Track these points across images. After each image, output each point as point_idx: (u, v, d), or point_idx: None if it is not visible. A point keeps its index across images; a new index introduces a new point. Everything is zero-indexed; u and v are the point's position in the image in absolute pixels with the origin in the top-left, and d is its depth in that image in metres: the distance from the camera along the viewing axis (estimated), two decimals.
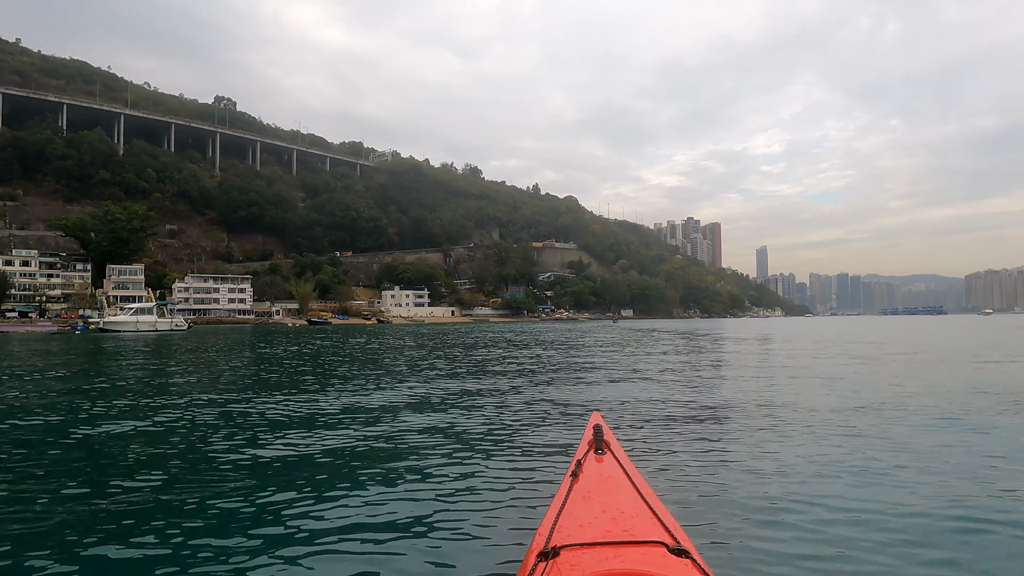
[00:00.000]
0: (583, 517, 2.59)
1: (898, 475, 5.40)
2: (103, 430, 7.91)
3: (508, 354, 23.06)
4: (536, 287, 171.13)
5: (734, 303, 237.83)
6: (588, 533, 2.41)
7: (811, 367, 17.16)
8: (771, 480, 5.23)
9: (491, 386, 12.66)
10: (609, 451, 3.43)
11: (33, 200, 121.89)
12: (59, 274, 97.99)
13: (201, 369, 17.56)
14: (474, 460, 6.06)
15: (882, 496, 4.73)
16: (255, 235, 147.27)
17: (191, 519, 4.40)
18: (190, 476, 5.54)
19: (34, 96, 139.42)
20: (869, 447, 6.53)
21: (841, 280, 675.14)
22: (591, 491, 2.91)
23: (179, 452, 6.63)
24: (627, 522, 2.51)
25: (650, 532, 2.38)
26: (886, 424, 7.92)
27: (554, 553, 2.22)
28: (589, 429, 3.70)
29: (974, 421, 8.18)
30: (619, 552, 2.21)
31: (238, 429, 7.91)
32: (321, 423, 8.33)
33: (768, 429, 7.66)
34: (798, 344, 29.92)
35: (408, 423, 8.20)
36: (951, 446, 6.65)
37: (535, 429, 7.70)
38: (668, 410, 9.24)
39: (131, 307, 63.55)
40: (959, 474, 5.47)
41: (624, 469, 3.17)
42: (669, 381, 13.50)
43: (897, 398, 10.44)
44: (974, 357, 20.68)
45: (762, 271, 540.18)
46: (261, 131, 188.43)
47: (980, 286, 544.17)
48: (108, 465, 6.23)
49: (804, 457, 6.07)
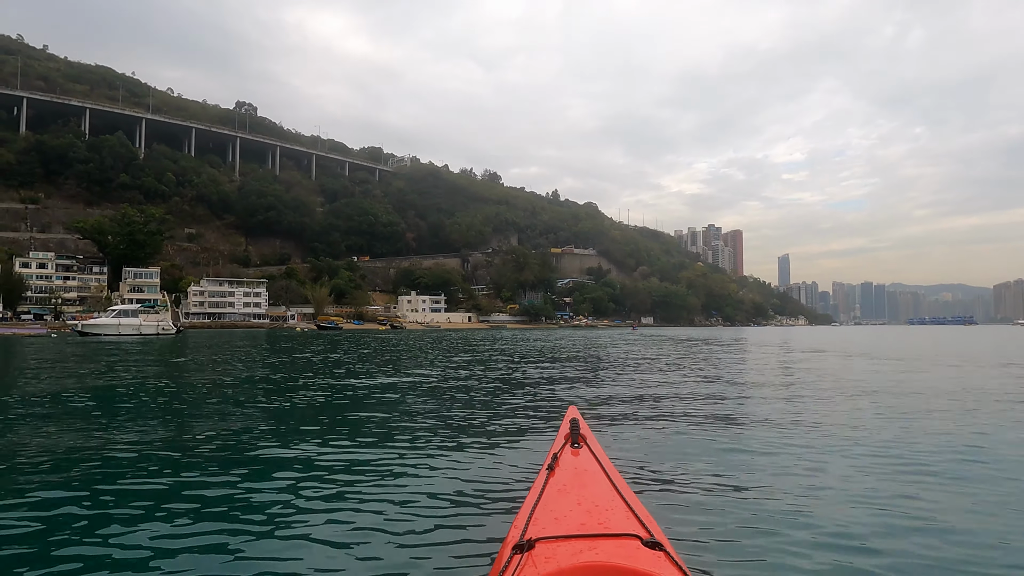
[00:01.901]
0: (558, 510, 2.60)
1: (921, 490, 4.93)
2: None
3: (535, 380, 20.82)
4: (555, 293, 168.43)
5: (757, 311, 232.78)
6: (563, 526, 2.42)
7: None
8: (748, 478, 5.15)
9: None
10: (585, 445, 3.42)
11: (54, 203, 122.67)
12: (75, 276, 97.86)
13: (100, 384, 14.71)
14: (451, 454, 6.04)
15: (863, 494, 4.68)
16: (273, 239, 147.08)
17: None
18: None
19: (57, 101, 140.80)
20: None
21: (865, 289, 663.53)
22: (567, 484, 2.92)
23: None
24: (602, 515, 2.52)
25: (624, 525, 2.39)
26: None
27: (529, 545, 2.24)
28: (566, 423, 3.70)
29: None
30: (594, 545, 2.23)
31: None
32: (290, 423, 7.87)
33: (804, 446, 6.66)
34: (879, 362, 21.84)
35: (382, 415, 7.94)
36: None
37: (513, 423, 7.42)
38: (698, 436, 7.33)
39: (114, 309, 59.30)
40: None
41: (600, 463, 3.15)
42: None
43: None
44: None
45: (784, 280, 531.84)
46: (281, 136, 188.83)
47: (1009, 296, 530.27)
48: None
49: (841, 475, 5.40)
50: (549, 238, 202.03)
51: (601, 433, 6.67)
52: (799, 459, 5.82)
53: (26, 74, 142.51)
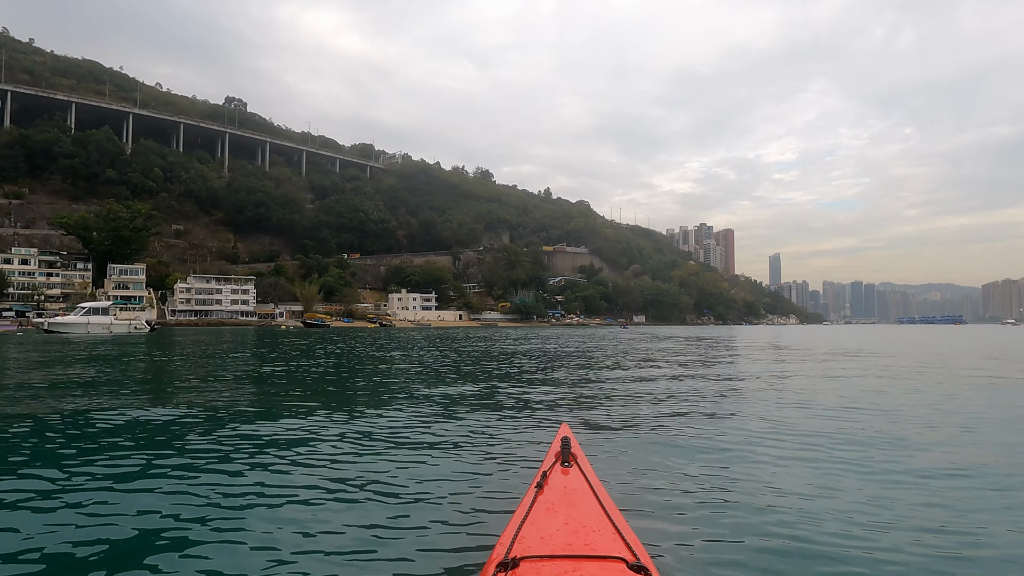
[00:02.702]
0: (545, 529, 2.58)
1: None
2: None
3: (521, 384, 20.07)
4: (546, 291, 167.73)
5: (749, 310, 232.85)
6: (549, 545, 2.40)
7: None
8: (741, 503, 4.79)
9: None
10: (576, 464, 3.37)
11: (39, 198, 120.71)
12: (59, 273, 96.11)
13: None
14: (438, 467, 5.71)
15: (857, 514, 4.47)
16: (262, 236, 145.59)
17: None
18: None
19: (43, 94, 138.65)
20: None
21: (855, 288, 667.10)
22: (555, 503, 2.88)
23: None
24: (588, 536, 2.50)
25: (611, 547, 2.38)
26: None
27: (514, 564, 2.22)
28: (557, 441, 3.62)
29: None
30: (578, 566, 2.21)
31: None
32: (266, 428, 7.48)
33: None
34: (895, 360, 21.94)
35: (367, 427, 7.58)
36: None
37: (502, 438, 7.11)
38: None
39: (83, 306, 57.17)
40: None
41: (589, 483, 3.11)
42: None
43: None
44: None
45: (775, 279, 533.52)
46: (271, 132, 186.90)
47: (998, 296, 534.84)
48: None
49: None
50: (541, 236, 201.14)
51: (590, 448, 6.25)
52: (798, 478, 5.45)
53: (10, 67, 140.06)
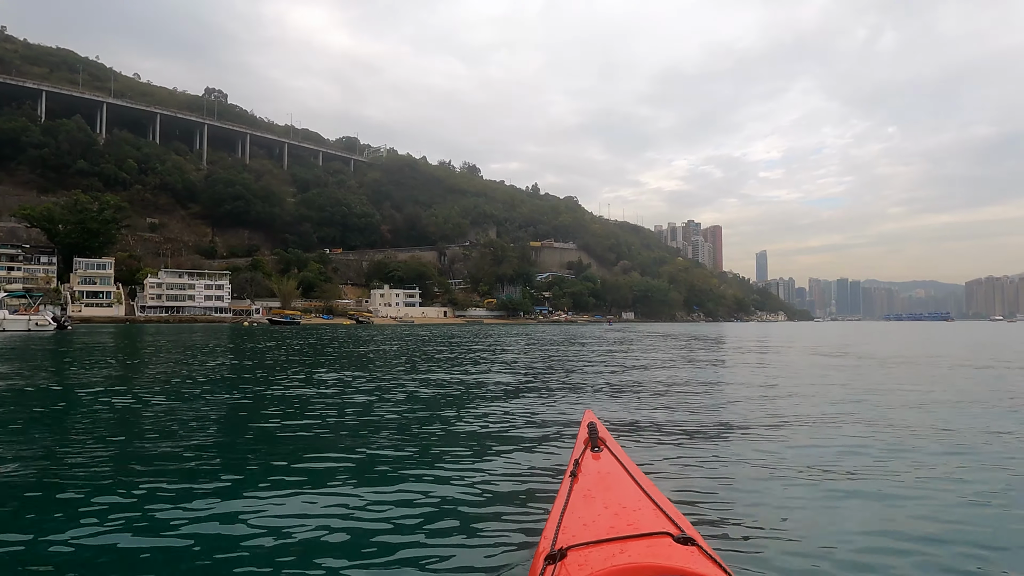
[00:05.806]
0: (586, 516, 2.60)
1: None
2: None
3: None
4: (533, 287, 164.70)
5: (739, 307, 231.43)
6: (593, 531, 2.42)
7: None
8: (775, 470, 5.07)
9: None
10: (605, 447, 3.39)
11: (6, 190, 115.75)
12: (21, 267, 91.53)
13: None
14: (471, 463, 5.60)
15: (893, 488, 4.58)
16: (241, 230, 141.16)
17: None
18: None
19: (10, 82, 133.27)
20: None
21: (841, 285, 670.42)
22: (591, 489, 2.91)
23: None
24: (630, 516, 2.53)
25: (654, 524, 2.39)
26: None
27: (561, 555, 2.24)
28: (584, 428, 3.67)
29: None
30: (625, 547, 2.22)
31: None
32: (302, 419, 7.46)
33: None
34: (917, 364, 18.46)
35: (396, 421, 7.39)
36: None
37: (530, 430, 6.94)
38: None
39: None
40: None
41: (622, 464, 3.15)
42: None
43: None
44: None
45: (761, 276, 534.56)
46: (252, 124, 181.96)
47: (981, 293, 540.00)
48: None
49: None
50: (528, 231, 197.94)
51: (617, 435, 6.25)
52: (828, 452, 5.64)
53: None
